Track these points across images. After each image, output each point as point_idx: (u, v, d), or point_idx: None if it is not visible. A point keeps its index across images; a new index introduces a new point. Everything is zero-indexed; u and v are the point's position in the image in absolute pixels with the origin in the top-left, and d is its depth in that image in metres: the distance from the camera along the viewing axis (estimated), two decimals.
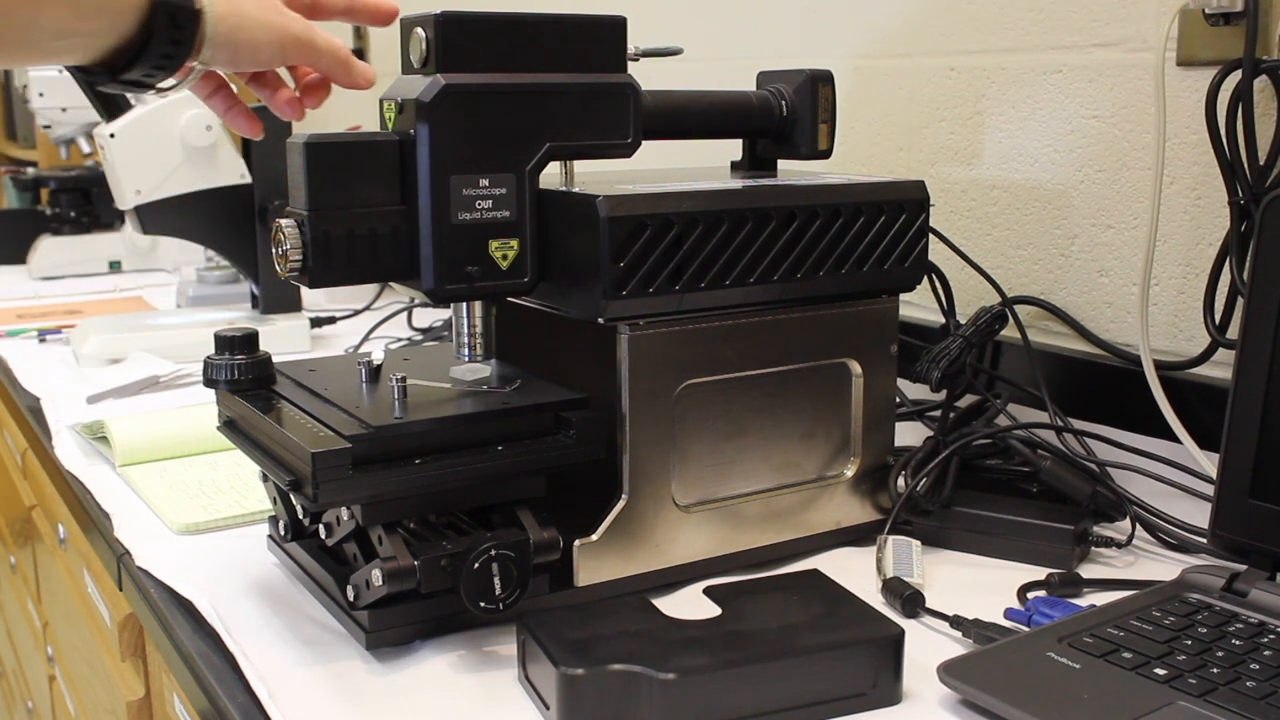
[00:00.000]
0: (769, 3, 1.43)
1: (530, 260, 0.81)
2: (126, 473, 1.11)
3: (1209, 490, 0.87)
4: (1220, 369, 0.99)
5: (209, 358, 0.84)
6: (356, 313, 1.77)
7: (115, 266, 2.29)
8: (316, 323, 1.67)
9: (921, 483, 0.92)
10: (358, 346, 1.58)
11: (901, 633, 0.70)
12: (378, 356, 0.86)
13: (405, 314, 1.70)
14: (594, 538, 0.81)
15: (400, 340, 1.59)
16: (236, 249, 1.59)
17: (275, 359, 0.87)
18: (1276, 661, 0.69)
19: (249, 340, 0.84)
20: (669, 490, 0.84)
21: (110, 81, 0.72)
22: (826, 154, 0.97)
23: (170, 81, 0.73)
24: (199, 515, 0.99)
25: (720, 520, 0.86)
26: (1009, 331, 1.11)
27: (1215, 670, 0.68)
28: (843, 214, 0.87)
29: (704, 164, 1.07)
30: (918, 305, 1.25)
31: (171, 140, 1.56)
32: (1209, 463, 0.94)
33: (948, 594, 0.83)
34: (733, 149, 1.02)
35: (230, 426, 0.86)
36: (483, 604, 0.74)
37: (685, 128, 0.93)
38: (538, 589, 0.78)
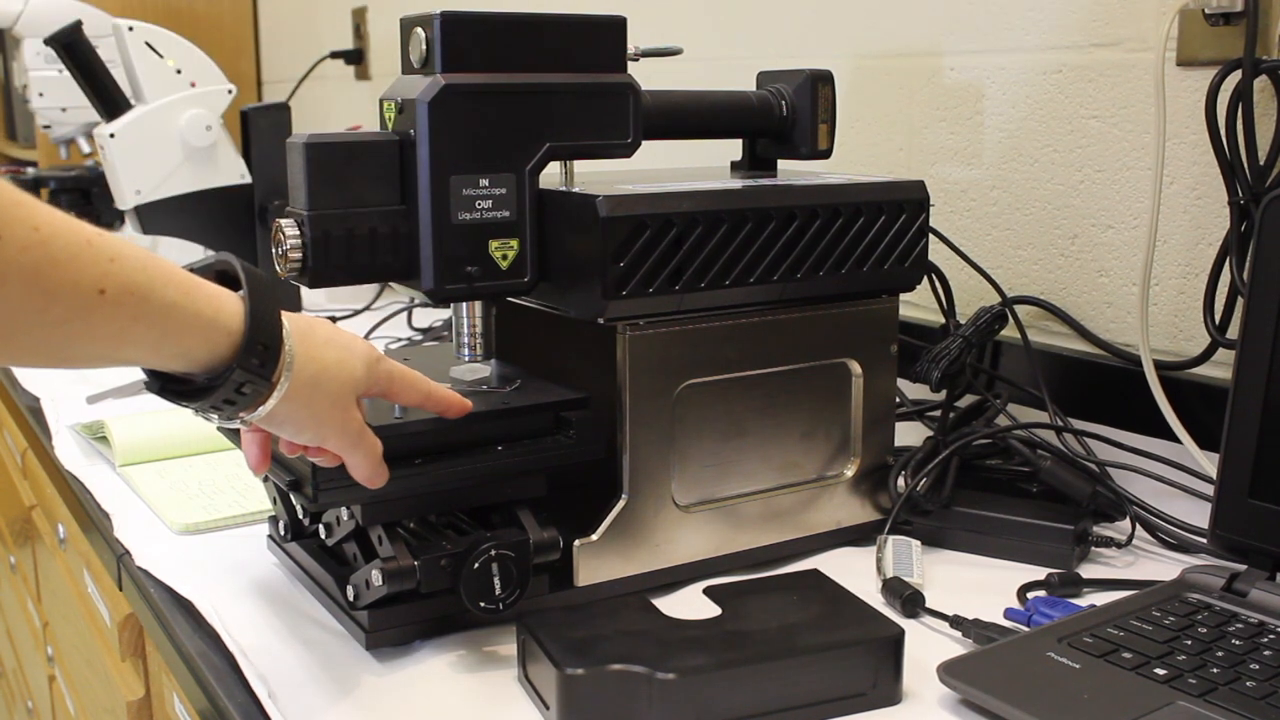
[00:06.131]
0: (769, 3, 1.43)
1: (530, 260, 0.81)
2: (126, 473, 1.10)
3: (1209, 490, 0.87)
4: (1220, 369, 0.99)
5: None
6: (356, 313, 1.77)
7: None
8: None
9: (921, 483, 0.92)
10: None
11: (901, 633, 0.70)
12: None
13: (405, 314, 1.69)
14: (594, 538, 0.81)
15: (400, 340, 1.59)
16: (236, 249, 1.58)
17: None
18: (1276, 661, 0.69)
19: None
20: (669, 490, 0.84)
21: (155, 390, 0.66)
22: (826, 154, 0.97)
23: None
24: (199, 515, 0.99)
25: (720, 520, 0.86)
26: (1009, 331, 1.11)
27: (1215, 670, 0.68)
28: (842, 214, 0.87)
29: (704, 164, 1.07)
30: (918, 305, 1.25)
31: (171, 140, 1.56)
32: (1209, 463, 0.94)
33: (948, 594, 0.83)
34: (733, 149, 1.02)
35: None
36: (482, 604, 0.74)
37: (685, 128, 0.93)
38: (537, 589, 0.78)
